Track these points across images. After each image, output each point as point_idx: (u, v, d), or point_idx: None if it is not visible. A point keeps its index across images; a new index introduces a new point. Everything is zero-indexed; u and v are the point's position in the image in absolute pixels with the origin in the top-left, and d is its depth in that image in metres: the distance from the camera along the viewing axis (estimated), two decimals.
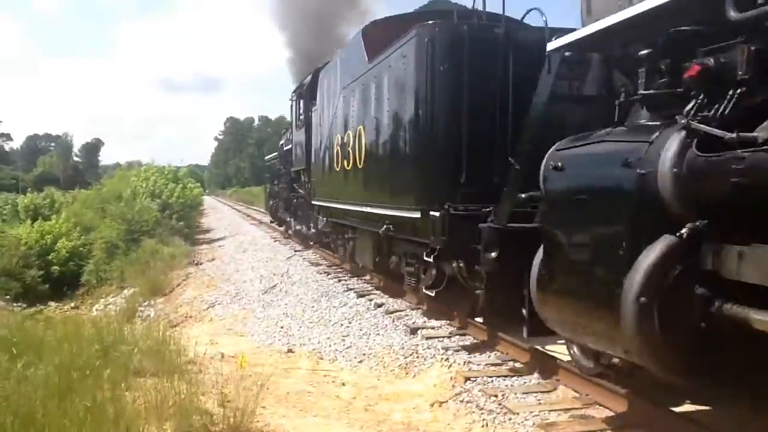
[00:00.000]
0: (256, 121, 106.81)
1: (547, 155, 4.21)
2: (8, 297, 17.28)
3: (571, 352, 4.84)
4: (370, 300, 9.02)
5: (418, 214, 7.04)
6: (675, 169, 3.15)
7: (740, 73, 3.02)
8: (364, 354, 6.65)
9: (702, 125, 3.08)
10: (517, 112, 5.97)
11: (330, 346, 7.11)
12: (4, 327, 6.55)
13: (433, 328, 7.19)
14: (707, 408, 4.42)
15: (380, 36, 8.70)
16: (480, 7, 6.96)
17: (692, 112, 3.23)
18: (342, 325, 7.96)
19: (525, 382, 5.26)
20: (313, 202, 13.64)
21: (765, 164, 2.73)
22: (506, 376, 5.39)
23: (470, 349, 6.24)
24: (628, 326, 3.24)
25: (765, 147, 2.78)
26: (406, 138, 7.39)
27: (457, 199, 6.47)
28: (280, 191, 20.62)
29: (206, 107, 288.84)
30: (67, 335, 5.69)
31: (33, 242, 23.14)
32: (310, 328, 8.08)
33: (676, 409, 4.35)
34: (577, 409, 4.61)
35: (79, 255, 23.16)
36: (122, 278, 17.71)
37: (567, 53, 4.54)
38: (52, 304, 17.77)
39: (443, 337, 6.76)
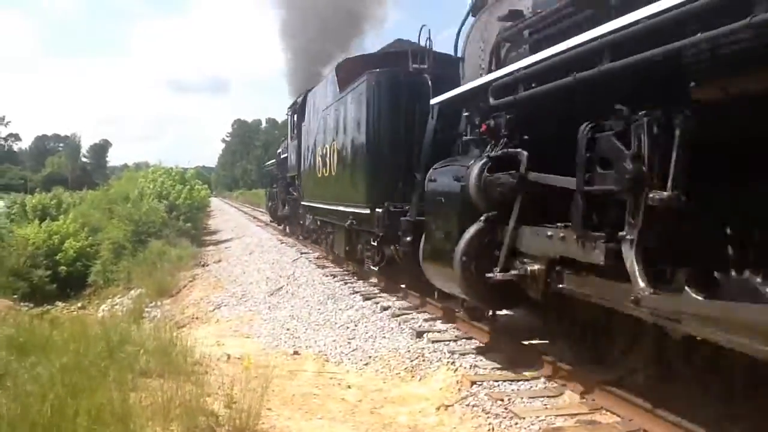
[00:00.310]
0: (264, 124, 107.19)
1: (429, 171, 6.34)
2: (16, 296, 17.39)
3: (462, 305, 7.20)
4: (376, 303, 9.01)
5: (368, 210, 9.32)
6: (477, 183, 5.30)
7: (503, 130, 5.21)
8: (370, 357, 6.63)
9: (493, 156, 5.26)
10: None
11: (336, 348, 7.10)
12: (12, 326, 6.57)
13: (439, 331, 7.17)
14: (545, 342, 6.17)
15: (350, 69, 11.10)
16: (430, 48, 8.99)
17: (490, 150, 5.37)
18: (348, 327, 7.96)
19: (531, 387, 5.23)
20: (302, 203, 15.92)
21: (506, 182, 4.99)
22: (512, 381, 5.36)
23: (476, 352, 6.22)
24: (457, 276, 5.37)
25: (509, 173, 4.98)
26: (362, 153, 9.62)
27: (395, 199, 8.73)
28: (277, 193, 22.87)
29: (214, 108, 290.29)
30: (74, 335, 5.69)
31: (41, 242, 23.32)
32: (316, 330, 8.07)
33: (525, 342, 6.20)
34: (584, 414, 4.58)
35: (86, 255, 23.32)
36: (129, 279, 17.77)
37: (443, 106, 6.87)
38: (59, 304, 17.83)
39: (449, 340, 6.74)
